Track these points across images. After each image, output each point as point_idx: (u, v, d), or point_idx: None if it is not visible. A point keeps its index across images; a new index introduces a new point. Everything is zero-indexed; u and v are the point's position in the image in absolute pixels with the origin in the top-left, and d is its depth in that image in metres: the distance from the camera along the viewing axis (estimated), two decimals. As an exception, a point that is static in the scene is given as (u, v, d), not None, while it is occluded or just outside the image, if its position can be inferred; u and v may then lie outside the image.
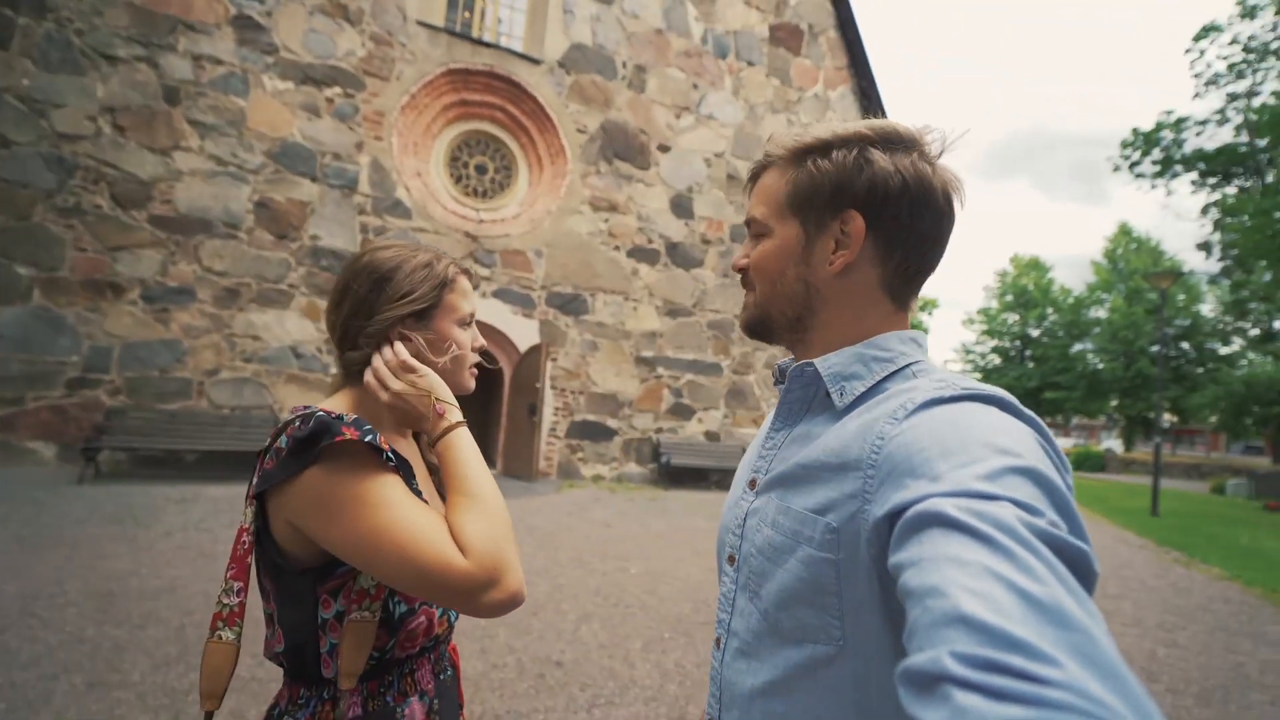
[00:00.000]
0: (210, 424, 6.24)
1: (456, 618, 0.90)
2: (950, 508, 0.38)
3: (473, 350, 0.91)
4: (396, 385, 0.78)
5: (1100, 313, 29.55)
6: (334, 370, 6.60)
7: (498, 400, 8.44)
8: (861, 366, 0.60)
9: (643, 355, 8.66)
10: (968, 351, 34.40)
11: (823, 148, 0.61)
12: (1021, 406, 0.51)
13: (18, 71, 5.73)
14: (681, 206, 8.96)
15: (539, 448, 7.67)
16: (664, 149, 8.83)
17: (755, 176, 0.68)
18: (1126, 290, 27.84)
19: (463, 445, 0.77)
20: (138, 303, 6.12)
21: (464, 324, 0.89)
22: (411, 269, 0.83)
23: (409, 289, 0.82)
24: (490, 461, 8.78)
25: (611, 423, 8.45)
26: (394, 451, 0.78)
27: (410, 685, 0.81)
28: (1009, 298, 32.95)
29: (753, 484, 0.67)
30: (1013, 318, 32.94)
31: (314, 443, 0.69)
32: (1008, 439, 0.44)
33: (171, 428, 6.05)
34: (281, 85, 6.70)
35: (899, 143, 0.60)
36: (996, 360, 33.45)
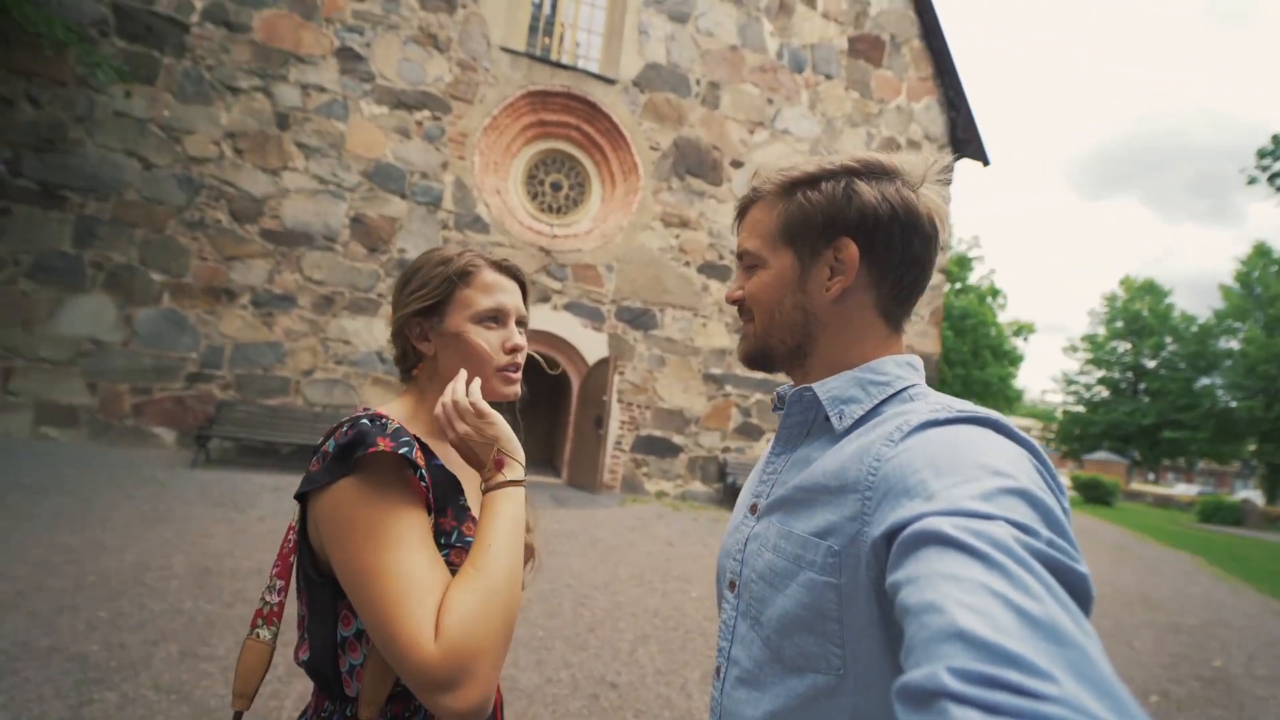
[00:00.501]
0: (305, 420, 6.72)
1: None
2: (947, 526, 0.38)
3: (506, 351, 0.83)
4: (462, 428, 0.74)
5: (1232, 344, 26.27)
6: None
7: (566, 410, 8.57)
8: (859, 390, 0.62)
9: (711, 372, 8.54)
10: (1070, 382, 31.55)
11: (811, 180, 0.63)
12: (1016, 430, 0.51)
13: (160, 104, 6.52)
14: (754, 221, 8.82)
15: (604, 460, 7.70)
16: (737, 164, 8.76)
17: (743, 211, 0.70)
18: (1265, 319, 24.55)
19: (503, 509, 0.70)
20: (248, 307, 6.73)
21: (483, 320, 0.82)
22: (430, 265, 0.83)
23: (420, 284, 0.82)
24: (555, 471, 8.91)
25: (677, 439, 8.36)
26: (441, 466, 0.76)
27: None
28: (1119, 324, 29.99)
29: (754, 509, 0.67)
30: (1124, 346, 29.92)
31: (352, 451, 0.67)
32: (1002, 461, 0.45)
33: (272, 421, 6.57)
34: (377, 110, 7.23)
35: (883, 173, 0.63)
36: (1104, 392, 30.42)
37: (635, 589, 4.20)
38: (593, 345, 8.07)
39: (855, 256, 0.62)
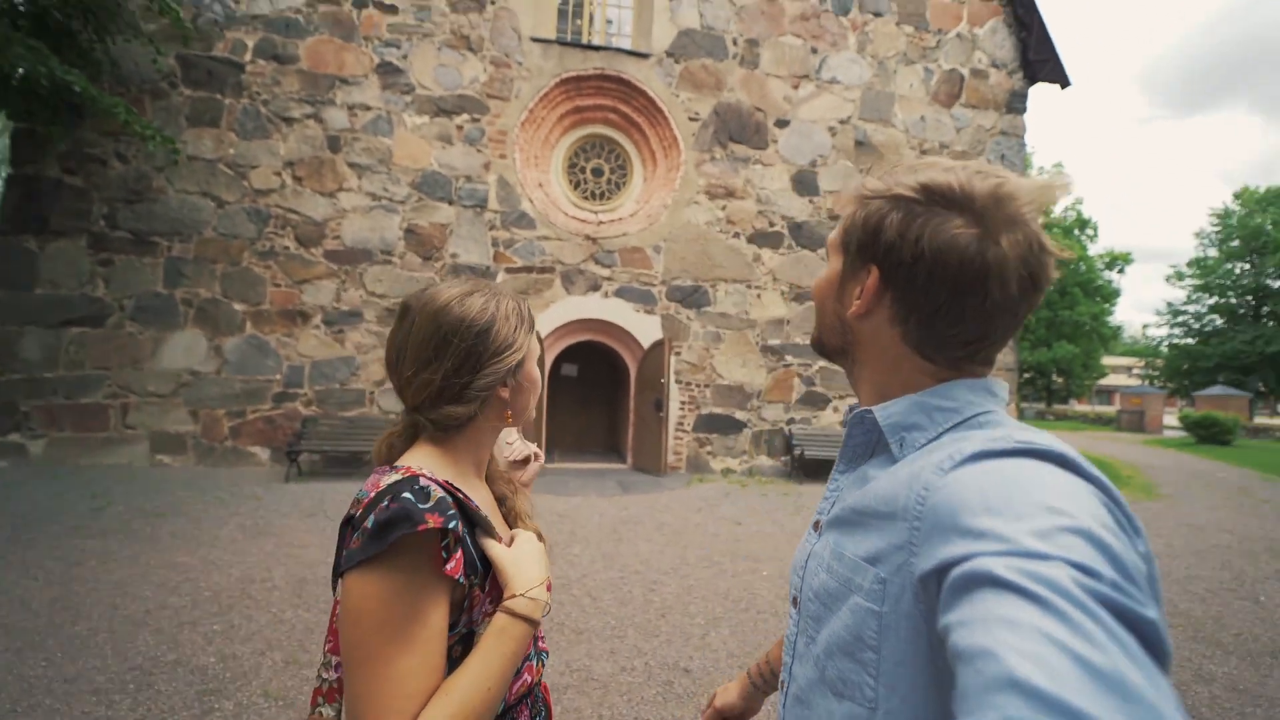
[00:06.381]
0: (382, 428, 7.08)
1: (547, 658, 0.88)
2: (1000, 567, 0.37)
3: None
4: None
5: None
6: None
7: (625, 396, 8.63)
8: (924, 416, 0.58)
9: (770, 344, 8.32)
10: (1176, 313, 28.52)
11: (873, 195, 0.61)
12: (1085, 464, 0.46)
13: (226, 143, 6.96)
14: (804, 183, 8.42)
15: (666, 443, 7.71)
16: (782, 124, 8.35)
17: None
18: None
19: (507, 646, 0.71)
20: (320, 327, 7.17)
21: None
22: (505, 317, 0.81)
23: (508, 340, 0.80)
24: (620, 457, 9.03)
25: (740, 415, 8.24)
26: (466, 506, 0.76)
27: None
28: (1235, 243, 26.68)
29: (817, 525, 0.67)
30: (1241, 267, 26.65)
31: (391, 529, 0.66)
32: (1060, 498, 0.42)
33: (351, 432, 7.02)
34: (419, 120, 7.39)
35: (947, 205, 0.55)
36: (1218, 320, 27.34)
37: (705, 571, 4.20)
38: (646, 328, 8.03)
39: (873, 285, 0.60)
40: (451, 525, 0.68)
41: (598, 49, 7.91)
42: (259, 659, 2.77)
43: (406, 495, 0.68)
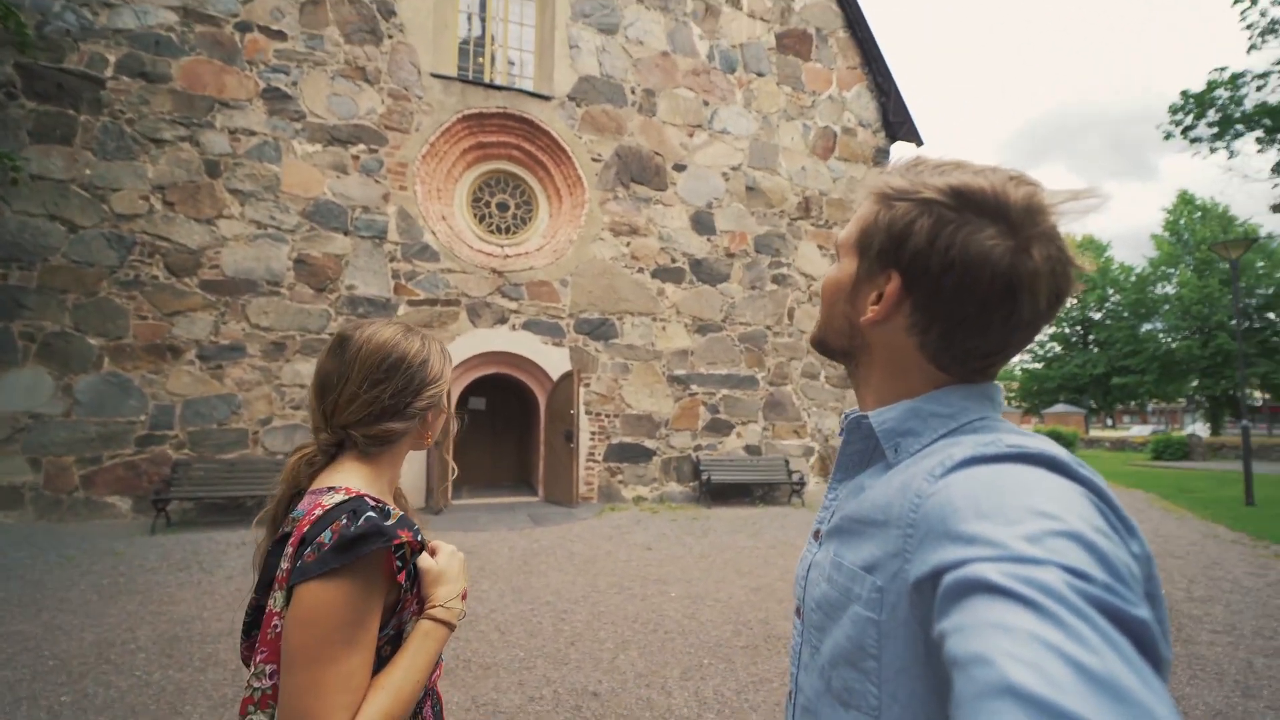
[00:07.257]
0: (266, 470, 6.58)
1: (442, 656, 0.99)
2: (993, 573, 0.36)
3: None
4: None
5: (1168, 289, 27.77)
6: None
7: (535, 428, 8.57)
8: (919, 422, 0.57)
9: (675, 374, 8.66)
10: (1024, 341, 32.97)
11: (898, 195, 0.57)
12: (1076, 466, 0.46)
13: (81, 163, 6.32)
14: (702, 223, 8.99)
15: (577, 473, 7.73)
16: (679, 168, 8.91)
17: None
18: (1195, 262, 26.07)
19: (432, 646, 0.82)
20: (195, 362, 6.56)
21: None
22: (437, 354, 0.97)
23: (440, 372, 0.95)
24: (531, 489, 8.90)
25: (649, 443, 8.44)
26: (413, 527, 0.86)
27: None
28: (1063, 280, 31.43)
29: (817, 534, 0.66)
30: (1071, 302, 31.38)
31: (360, 544, 0.73)
32: (1050, 502, 0.41)
33: (231, 476, 6.41)
34: (310, 148, 7.13)
35: (980, 208, 0.53)
36: (1057, 348, 31.84)
37: (615, 597, 4.25)
38: (555, 360, 8.09)
39: (894, 293, 0.57)
40: (420, 539, 0.79)
41: (500, 88, 8.08)
42: (118, 729, 2.48)
43: (371, 514, 0.76)
